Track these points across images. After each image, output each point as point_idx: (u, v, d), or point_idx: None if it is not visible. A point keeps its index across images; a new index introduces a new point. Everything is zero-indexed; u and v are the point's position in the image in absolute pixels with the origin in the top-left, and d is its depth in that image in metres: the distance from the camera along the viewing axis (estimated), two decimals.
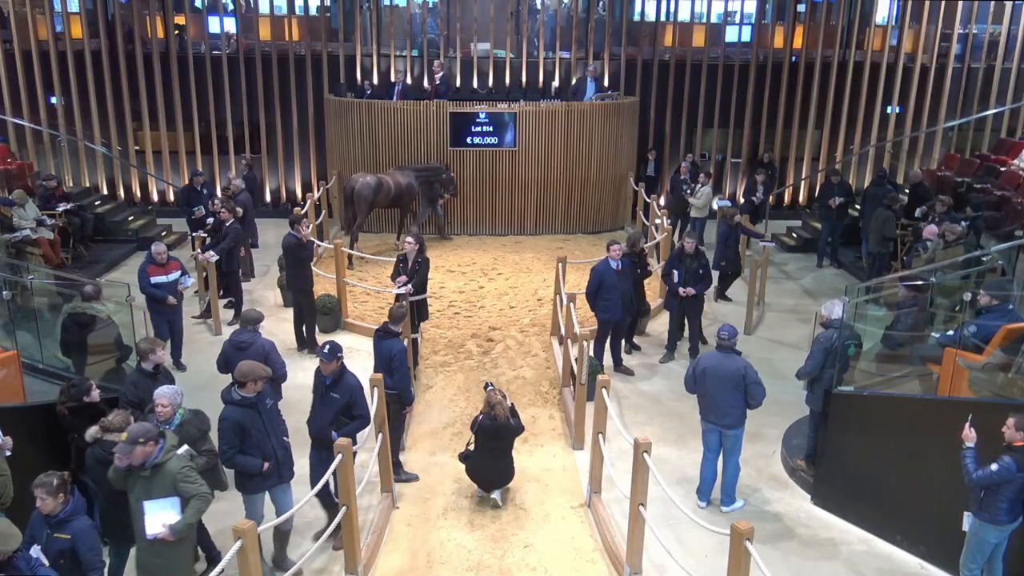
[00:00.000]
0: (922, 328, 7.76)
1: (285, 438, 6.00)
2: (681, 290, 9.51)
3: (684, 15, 16.85)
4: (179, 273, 9.35)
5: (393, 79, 15.85)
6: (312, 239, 10.24)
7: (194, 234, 11.91)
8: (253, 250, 13.22)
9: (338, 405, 6.27)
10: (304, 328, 10.07)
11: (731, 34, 16.96)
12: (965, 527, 5.71)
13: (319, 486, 5.95)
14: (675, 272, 9.61)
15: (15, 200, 11.79)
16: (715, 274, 11.07)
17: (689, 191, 13.70)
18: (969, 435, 5.56)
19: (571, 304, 9.08)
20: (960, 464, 5.56)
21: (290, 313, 10.62)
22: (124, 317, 8.48)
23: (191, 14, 16.61)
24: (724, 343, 6.89)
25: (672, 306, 9.90)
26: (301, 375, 9.25)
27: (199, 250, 10.93)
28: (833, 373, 6.99)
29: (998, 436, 5.52)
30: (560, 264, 10.43)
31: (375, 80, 16.17)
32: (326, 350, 6.31)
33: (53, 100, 16.12)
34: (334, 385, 6.31)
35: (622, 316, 9.31)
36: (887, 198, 12.03)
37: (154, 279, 9.14)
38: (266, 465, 5.74)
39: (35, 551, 4.69)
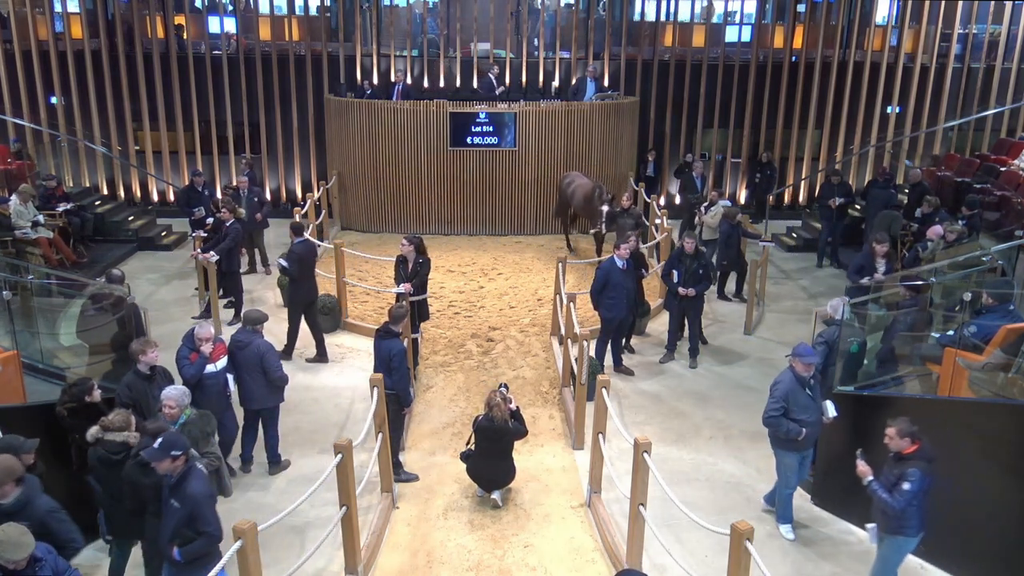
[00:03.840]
0: (921, 328, 7.75)
1: None
2: (681, 290, 9.52)
3: (684, 15, 16.85)
4: (227, 360, 7.22)
5: (393, 79, 15.85)
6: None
7: (193, 234, 11.93)
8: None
9: (177, 516, 4.96)
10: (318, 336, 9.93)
11: (731, 34, 16.96)
12: (871, 542, 5.63)
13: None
14: (675, 272, 9.62)
15: (23, 192, 11.76)
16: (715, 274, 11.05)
17: (703, 209, 13.14)
18: (864, 470, 5.51)
19: (571, 304, 9.08)
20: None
21: None
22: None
23: (191, 14, 16.62)
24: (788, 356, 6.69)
25: (672, 306, 9.90)
26: (300, 375, 9.30)
27: (199, 250, 10.93)
28: (834, 371, 6.99)
29: (996, 438, 5.51)
30: (560, 264, 10.43)
31: (375, 80, 16.17)
32: (156, 445, 4.98)
33: (53, 100, 16.12)
34: (175, 489, 4.99)
35: (626, 315, 9.32)
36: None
37: (195, 369, 6.98)
38: None
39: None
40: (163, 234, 14.90)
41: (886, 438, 5.42)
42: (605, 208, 12.00)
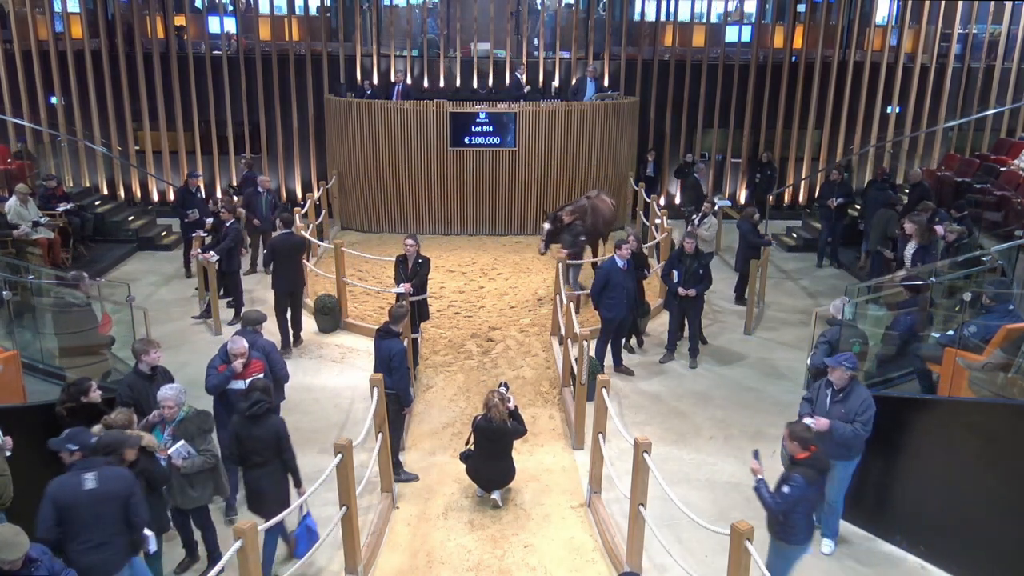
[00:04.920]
0: (921, 328, 7.76)
1: None
2: (680, 290, 9.52)
3: (684, 15, 16.86)
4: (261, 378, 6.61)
5: (393, 79, 15.85)
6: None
7: (193, 235, 11.93)
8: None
9: None
10: (295, 324, 10.23)
11: (731, 34, 16.96)
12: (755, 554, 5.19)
13: None
14: (675, 272, 9.62)
15: (19, 192, 11.75)
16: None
17: (696, 220, 12.78)
18: (758, 468, 5.50)
19: (571, 304, 9.08)
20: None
21: None
22: (124, 316, 8.51)
23: (191, 14, 16.62)
24: None
25: (672, 306, 9.90)
26: (301, 375, 9.30)
27: (199, 250, 10.93)
28: None
29: (996, 438, 5.50)
30: (560, 264, 10.43)
31: (375, 80, 16.17)
32: (63, 436, 5.30)
33: (53, 100, 16.12)
34: None
35: (626, 315, 9.33)
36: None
37: (218, 380, 6.79)
38: None
39: None
40: (163, 234, 14.91)
41: (783, 438, 5.43)
42: (547, 226, 11.93)
